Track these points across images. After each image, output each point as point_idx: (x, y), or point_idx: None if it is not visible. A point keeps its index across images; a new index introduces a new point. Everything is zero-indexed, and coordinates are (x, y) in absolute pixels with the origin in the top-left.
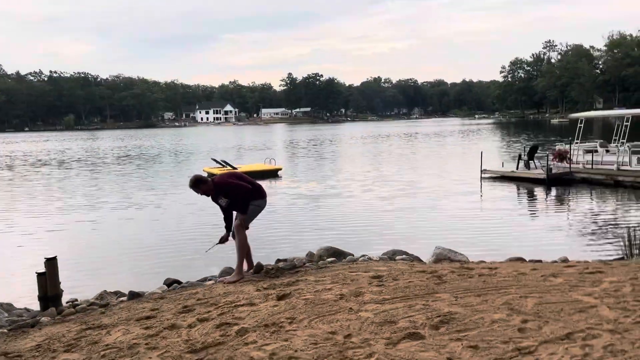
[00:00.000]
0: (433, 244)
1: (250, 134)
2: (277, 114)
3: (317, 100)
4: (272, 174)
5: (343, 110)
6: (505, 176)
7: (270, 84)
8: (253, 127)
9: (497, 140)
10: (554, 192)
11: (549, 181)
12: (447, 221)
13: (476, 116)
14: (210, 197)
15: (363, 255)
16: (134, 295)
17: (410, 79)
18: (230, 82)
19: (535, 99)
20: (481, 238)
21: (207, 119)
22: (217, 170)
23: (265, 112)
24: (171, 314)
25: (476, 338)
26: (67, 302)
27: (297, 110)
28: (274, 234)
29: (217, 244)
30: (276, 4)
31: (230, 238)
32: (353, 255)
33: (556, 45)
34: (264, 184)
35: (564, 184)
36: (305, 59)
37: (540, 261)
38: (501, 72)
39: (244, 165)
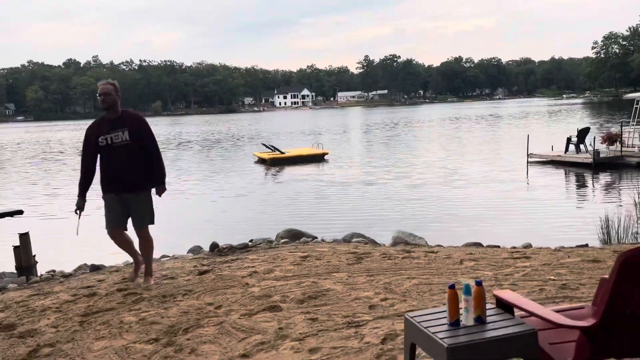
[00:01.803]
0: (442, 231)
1: (323, 118)
2: (353, 97)
3: (395, 82)
4: (319, 158)
5: (421, 92)
6: (552, 160)
7: (347, 66)
8: (329, 111)
9: (580, 121)
10: (598, 177)
11: (595, 165)
12: (466, 209)
13: (564, 96)
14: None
15: (316, 237)
16: (94, 268)
17: (494, 58)
18: (307, 66)
19: (631, 76)
20: (493, 226)
21: (285, 103)
22: (267, 155)
23: (342, 96)
24: (106, 285)
25: (325, 312)
26: (46, 272)
27: (374, 92)
28: (281, 216)
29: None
30: None
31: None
32: (311, 238)
33: None
34: (309, 167)
35: (613, 168)
36: (385, 39)
37: (498, 247)
38: (593, 47)
39: (292, 149)
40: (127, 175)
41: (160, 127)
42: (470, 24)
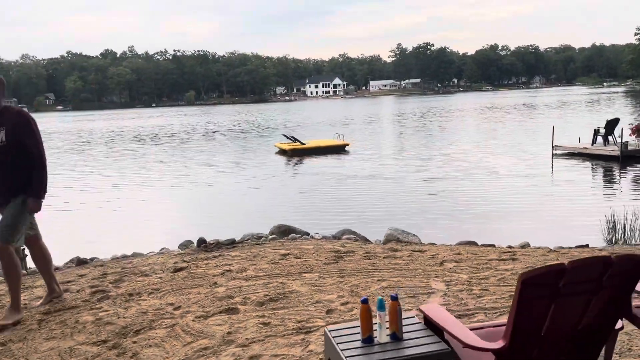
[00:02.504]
0: (445, 227)
1: (353, 108)
2: (385, 86)
3: (428, 71)
4: (340, 149)
5: (455, 81)
6: (578, 153)
7: (379, 55)
8: (360, 100)
9: (617, 112)
10: (625, 171)
11: (622, 158)
12: (480, 205)
13: (605, 84)
14: None
15: (306, 234)
16: (80, 262)
17: (531, 45)
18: (340, 55)
19: None
20: (503, 223)
21: (316, 92)
22: (287, 146)
23: (374, 85)
24: (84, 280)
25: (280, 316)
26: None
27: (407, 81)
28: (285, 210)
29: None
30: None
31: None
32: (300, 235)
33: None
34: (329, 159)
35: None
36: (419, 28)
37: (492, 246)
38: (636, 34)
39: (313, 140)
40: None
41: (190, 116)
42: (507, 11)
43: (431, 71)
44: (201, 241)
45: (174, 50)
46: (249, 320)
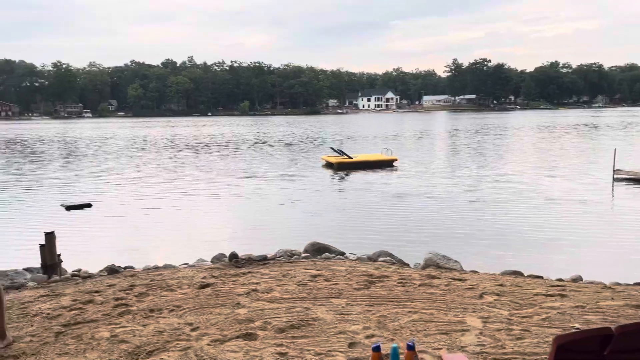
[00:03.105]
0: (491, 254)
1: (405, 122)
2: (439, 101)
3: (484, 87)
4: (388, 164)
5: (512, 98)
6: None
7: (433, 70)
8: (412, 115)
9: None
10: None
11: None
12: (531, 231)
13: None
14: None
15: (341, 254)
16: (111, 271)
17: (595, 63)
18: (394, 69)
19: None
20: (555, 252)
21: (369, 106)
22: (334, 159)
23: (427, 99)
24: (111, 291)
25: (299, 346)
26: (72, 271)
27: (461, 97)
28: (324, 227)
29: None
30: None
31: None
32: (335, 254)
33: None
34: (375, 174)
35: None
36: (477, 43)
37: (540, 277)
38: None
39: (360, 154)
40: None
41: (242, 126)
42: (569, 27)
43: (487, 87)
44: (233, 256)
45: (231, 61)
46: (265, 348)
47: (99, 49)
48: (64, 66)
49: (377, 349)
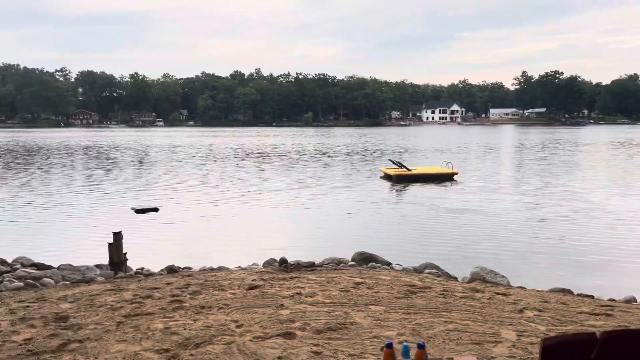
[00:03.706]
0: (544, 273)
1: (470, 135)
2: (506, 114)
3: (554, 100)
4: (447, 178)
5: (586, 112)
6: None
7: (501, 82)
8: (478, 128)
9: None
10: None
11: None
12: (591, 253)
13: None
14: None
15: (387, 265)
16: (170, 270)
17: None
18: (459, 81)
19: None
20: (617, 274)
21: (433, 118)
22: (393, 171)
23: (494, 112)
24: (168, 288)
25: (334, 347)
26: (137, 269)
27: (530, 110)
28: (377, 237)
29: None
30: None
31: None
32: (381, 264)
33: None
34: (434, 188)
35: None
36: (547, 55)
37: (591, 297)
38: None
39: (420, 167)
40: None
41: (304, 137)
42: None
43: (558, 101)
44: (282, 261)
45: (297, 73)
46: (302, 347)
47: (173, 61)
48: (140, 77)
49: (389, 345)
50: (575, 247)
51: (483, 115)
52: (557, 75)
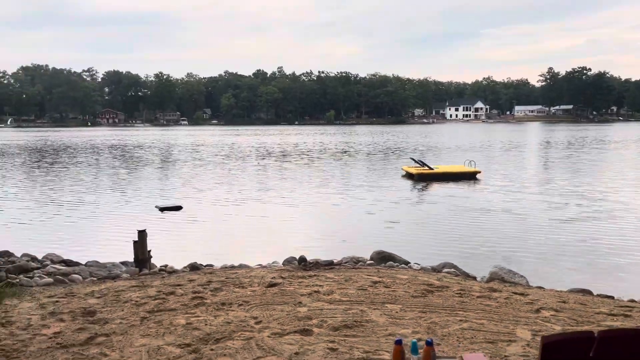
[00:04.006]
0: (563, 274)
1: (494, 133)
2: (532, 111)
3: (582, 97)
4: (470, 177)
5: (614, 109)
6: None
7: (527, 79)
8: (502, 125)
9: None
10: None
11: None
12: (613, 252)
13: None
14: None
15: (405, 264)
16: (193, 268)
17: None
18: (484, 78)
19: None
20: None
21: (456, 115)
22: (414, 170)
23: (519, 110)
24: (190, 285)
25: (349, 343)
26: (160, 266)
27: (556, 107)
28: (397, 236)
29: None
30: None
31: None
32: (399, 263)
33: None
34: (456, 186)
35: None
36: (574, 51)
37: (611, 298)
38: None
39: (442, 165)
40: None
41: (326, 135)
42: None
43: (586, 97)
44: (302, 259)
45: (319, 72)
46: (319, 343)
47: (196, 60)
48: (164, 77)
49: (399, 342)
50: (598, 249)
51: (508, 112)
52: (585, 72)
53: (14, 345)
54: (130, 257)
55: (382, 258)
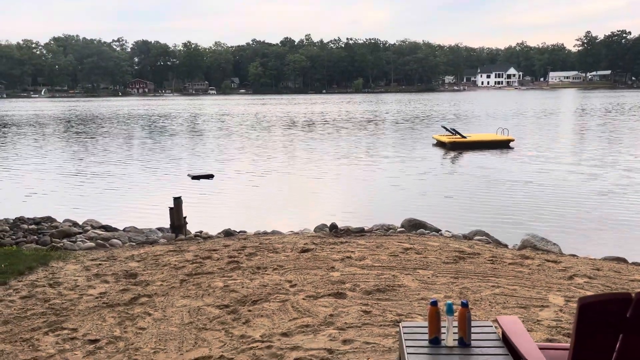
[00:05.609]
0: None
1: (527, 100)
2: (567, 77)
3: (621, 62)
4: (503, 145)
5: None
6: None
7: (562, 44)
8: (536, 92)
9: None
10: None
11: None
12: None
13: None
14: None
15: (436, 231)
16: (227, 234)
17: None
18: (517, 43)
19: None
20: None
21: (488, 83)
22: (446, 138)
23: (554, 76)
24: (226, 250)
25: (382, 307)
26: (195, 232)
27: (594, 73)
28: (428, 204)
29: None
30: None
31: None
32: (430, 231)
33: None
34: (489, 155)
35: None
36: (616, 13)
37: None
38: None
39: (474, 134)
40: None
41: (352, 104)
42: None
43: (625, 62)
44: (333, 226)
45: (347, 39)
46: (352, 306)
47: (224, 29)
48: (192, 46)
49: (434, 303)
50: (634, 220)
51: (542, 79)
52: (625, 35)
53: (64, 305)
54: (165, 223)
55: (413, 225)
